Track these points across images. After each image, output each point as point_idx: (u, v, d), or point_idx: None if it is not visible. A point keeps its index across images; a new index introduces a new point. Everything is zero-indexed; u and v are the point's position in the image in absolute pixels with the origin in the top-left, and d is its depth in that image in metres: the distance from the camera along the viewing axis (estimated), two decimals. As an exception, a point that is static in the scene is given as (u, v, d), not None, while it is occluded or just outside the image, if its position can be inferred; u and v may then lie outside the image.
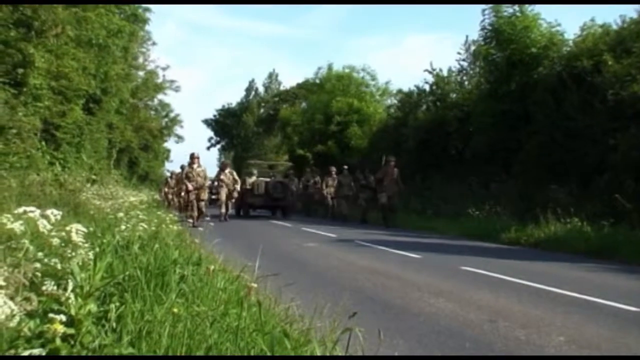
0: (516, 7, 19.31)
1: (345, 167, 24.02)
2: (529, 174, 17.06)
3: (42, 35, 17.95)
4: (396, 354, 3.56)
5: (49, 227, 3.26)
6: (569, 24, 60.94)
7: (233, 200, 21.19)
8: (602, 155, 14.32)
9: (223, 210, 19.83)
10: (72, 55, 18.84)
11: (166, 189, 24.36)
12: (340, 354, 3.13)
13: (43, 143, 18.43)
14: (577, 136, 15.45)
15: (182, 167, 20.97)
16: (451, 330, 4.98)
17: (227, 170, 20.67)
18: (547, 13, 49.71)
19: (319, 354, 3.07)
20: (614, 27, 16.72)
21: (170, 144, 49.96)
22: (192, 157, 17.89)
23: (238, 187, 20.68)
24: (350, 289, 6.47)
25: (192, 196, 17.15)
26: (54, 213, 3.32)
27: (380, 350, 3.27)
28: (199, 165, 17.80)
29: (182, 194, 18.92)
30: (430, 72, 25.65)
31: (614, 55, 15.31)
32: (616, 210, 12.38)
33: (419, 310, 5.78)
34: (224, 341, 3.02)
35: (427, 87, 26.22)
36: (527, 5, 19.24)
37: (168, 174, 27.35)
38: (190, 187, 17.12)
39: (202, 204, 17.42)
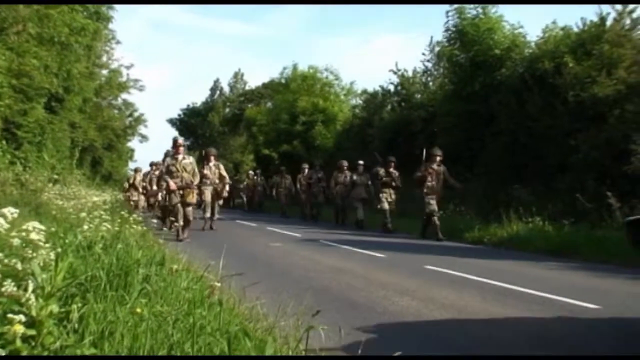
0: (479, 9, 19.52)
1: (361, 162, 19.22)
2: (493, 173, 17.26)
3: (3, 33, 17.66)
4: (359, 352, 3.58)
5: (6, 226, 3.21)
6: (531, 26, 61.78)
7: (221, 202, 16.98)
8: (564, 156, 14.55)
9: (207, 214, 15.87)
10: (34, 53, 18.55)
11: (135, 190, 22.36)
12: (302, 352, 3.14)
13: (3, 142, 18.13)
14: (540, 137, 15.67)
15: (152, 164, 19.10)
16: (415, 328, 5.04)
17: (211, 163, 16.09)
18: (509, 15, 50.45)
19: (277, 352, 3.08)
20: (575, 29, 16.99)
21: (134, 143, 49.39)
22: (176, 143, 13.53)
23: (227, 185, 16.80)
24: (315, 288, 6.50)
25: (176, 199, 12.77)
26: (11, 211, 3.27)
27: (342, 347, 3.29)
28: (185, 157, 13.40)
29: (160, 195, 15.63)
30: (395, 73, 25.82)
31: (574, 57, 15.56)
32: (577, 210, 12.60)
33: (383, 309, 5.82)
34: (186, 340, 3.01)
35: (391, 88, 26.39)
36: (490, 7, 19.46)
37: (131, 172, 26.18)
38: (172, 185, 12.70)
39: (190, 210, 13.07)
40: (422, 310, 5.77)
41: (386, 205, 16.75)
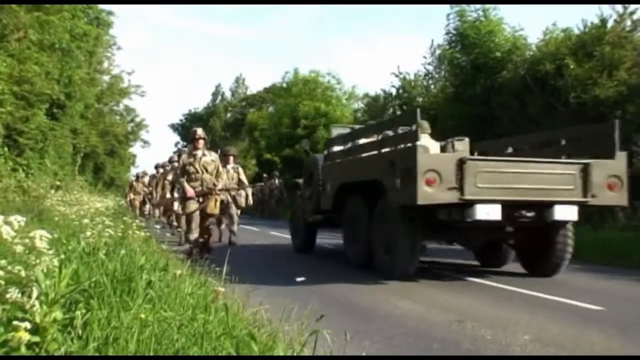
0: (480, 11, 19.54)
1: None
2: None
3: (4, 40, 17.72)
4: (364, 354, 3.58)
5: (12, 233, 3.21)
6: (531, 28, 61.74)
7: (239, 212, 13.69)
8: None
9: (235, 227, 13.32)
10: (35, 59, 18.61)
11: (132, 195, 21.54)
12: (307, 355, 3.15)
13: (5, 149, 18.18)
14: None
15: (158, 167, 17.26)
16: (419, 331, 5.02)
17: (230, 166, 12.98)
18: (510, 17, 50.39)
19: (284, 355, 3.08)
20: (576, 31, 17.02)
21: (136, 149, 49.53)
22: (195, 135, 10.23)
23: (249, 192, 13.63)
24: (318, 292, 6.50)
25: (193, 207, 9.72)
26: (17, 219, 3.27)
27: (348, 351, 3.29)
28: (206, 153, 10.19)
29: (176, 205, 13.01)
30: (396, 76, 25.83)
31: (575, 59, 15.59)
32: (579, 212, 12.56)
33: (386, 313, 5.81)
34: (191, 345, 3.01)
35: (393, 91, 26.40)
36: (491, 10, 19.48)
37: (133, 178, 25.62)
38: (189, 192, 9.72)
39: (211, 222, 10.31)
40: (425, 314, 5.76)
41: None
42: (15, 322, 2.54)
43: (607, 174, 7.84)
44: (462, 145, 9.54)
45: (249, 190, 13.74)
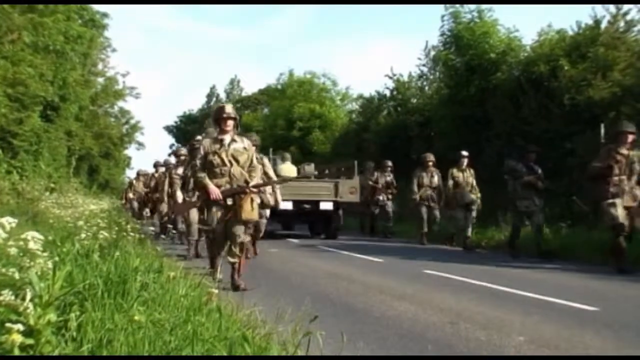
0: (475, 12, 19.54)
1: (465, 153, 14.15)
2: (490, 177, 17.27)
3: (-2, 42, 17.67)
4: (358, 354, 3.59)
5: (4, 235, 3.21)
6: (526, 30, 61.94)
7: (268, 214, 11.12)
8: (560, 159, 14.57)
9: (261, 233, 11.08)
10: (29, 61, 18.58)
11: (131, 195, 19.93)
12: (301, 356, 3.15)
13: (0, 151, 18.13)
14: (535, 140, 15.68)
15: (157, 165, 15.67)
16: (413, 332, 5.02)
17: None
18: (505, 19, 50.51)
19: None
20: (570, 32, 17.04)
21: (130, 151, 49.31)
22: (222, 114, 7.34)
23: (278, 191, 10.66)
24: (313, 293, 6.49)
25: (218, 214, 7.10)
26: (9, 221, 3.27)
27: (342, 352, 3.29)
28: (236, 139, 7.45)
29: (190, 212, 10.43)
30: (390, 78, 25.82)
31: (570, 61, 15.61)
32: (573, 213, 12.60)
33: (381, 314, 5.81)
34: (184, 347, 3.01)
35: (387, 93, 26.40)
36: (485, 11, 19.49)
37: (131, 178, 24.48)
38: (214, 192, 7.03)
39: (242, 231, 7.13)
40: (420, 315, 5.76)
41: (523, 219, 11.73)
42: (8, 325, 2.53)
43: (349, 186, 15.85)
44: (309, 168, 16.63)
45: (278, 189, 10.68)
